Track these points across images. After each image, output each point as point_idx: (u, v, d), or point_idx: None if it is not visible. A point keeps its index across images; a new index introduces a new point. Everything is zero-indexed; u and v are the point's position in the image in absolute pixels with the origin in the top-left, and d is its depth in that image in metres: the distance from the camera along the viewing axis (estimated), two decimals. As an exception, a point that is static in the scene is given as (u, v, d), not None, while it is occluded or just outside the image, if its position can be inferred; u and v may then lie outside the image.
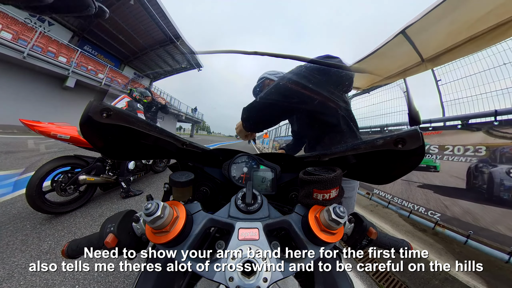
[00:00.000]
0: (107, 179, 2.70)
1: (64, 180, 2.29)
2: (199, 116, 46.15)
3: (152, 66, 27.21)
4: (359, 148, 0.39)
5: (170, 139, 0.46)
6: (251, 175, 0.68)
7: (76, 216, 2.33)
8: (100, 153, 0.44)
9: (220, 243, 0.41)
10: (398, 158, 0.38)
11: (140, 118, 0.38)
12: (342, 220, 0.35)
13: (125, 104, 3.15)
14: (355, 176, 0.56)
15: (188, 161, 0.68)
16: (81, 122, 0.32)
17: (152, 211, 0.32)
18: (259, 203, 0.43)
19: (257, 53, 0.53)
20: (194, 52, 0.75)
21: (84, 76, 14.01)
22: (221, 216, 0.42)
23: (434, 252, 2.01)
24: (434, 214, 2.34)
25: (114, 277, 1.51)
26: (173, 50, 24.34)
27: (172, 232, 0.35)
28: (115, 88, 14.45)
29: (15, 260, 1.54)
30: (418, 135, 0.32)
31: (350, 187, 1.08)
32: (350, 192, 1.09)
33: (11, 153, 4.80)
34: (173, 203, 0.39)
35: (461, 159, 2.20)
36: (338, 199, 0.43)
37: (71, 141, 2.30)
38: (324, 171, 0.45)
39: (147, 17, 19.16)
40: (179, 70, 31.55)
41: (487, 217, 1.91)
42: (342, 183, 0.87)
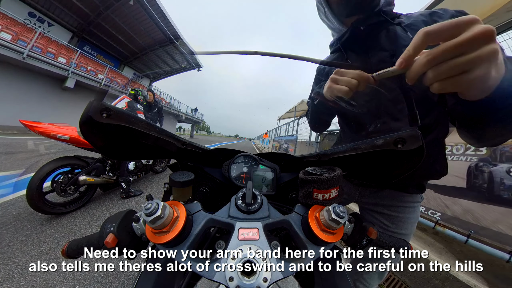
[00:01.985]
0: (107, 179, 2.70)
1: (64, 180, 2.29)
2: (199, 116, 46.17)
3: (151, 66, 27.24)
4: (359, 148, 0.39)
5: (170, 139, 0.46)
6: (251, 175, 0.68)
7: (76, 216, 2.33)
8: (100, 153, 0.44)
9: (220, 243, 0.41)
10: (398, 158, 0.38)
11: (140, 118, 0.38)
12: (342, 220, 0.35)
13: (125, 104, 3.15)
14: (355, 176, 0.56)
15: (188, 161, 0.68)
16: (81, 122, 0.32)
17: (152, 211, 0.32)
18: (259, 203, 0.43)
19: (258, 53, 0.53)
20: (194, 52, 0.75)
21: (84, 77, 14.01)
22: (221, 216, 0.42)
23: (435, 251, 2.01)
24: (434, 214, 2.34)
25: (114, 277, 1.51)
26: (173, 50, 24.36)
27: (172, 232, 0.35)
28: (114, 88, 14.46)
29: (15, 260, 1.54)
30: (417, 135, 0.32)
31: (410, 207, 0.84)
32: (408, 211, 0.83)
33: (11, 154, 4.80)
34: (173, 203, 0.39)
35: (461, 158, 2.20)
36: (338, 199, 0.43)
37: (71, 142, 2.30)
38: (324, 171, 0.46)
39: (146, 18, 19.17)
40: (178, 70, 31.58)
41: (488, 216, 1.91)
42: (401, 198, 0.83)
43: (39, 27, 13.90)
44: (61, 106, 13.47)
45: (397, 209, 0.84)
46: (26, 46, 10.40)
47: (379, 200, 0.88)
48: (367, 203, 0.93)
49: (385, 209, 0.86)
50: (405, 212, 0.84)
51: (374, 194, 0.90)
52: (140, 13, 18.47)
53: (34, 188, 2.00)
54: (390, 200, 0.85)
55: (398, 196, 0.84)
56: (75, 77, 13.37)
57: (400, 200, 0.84)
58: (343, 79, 0.53)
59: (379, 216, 0.88)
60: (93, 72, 15.20)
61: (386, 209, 0.86)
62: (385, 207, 0.87)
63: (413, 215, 0.85)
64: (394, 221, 0.85)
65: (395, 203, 0.84)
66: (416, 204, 0.85)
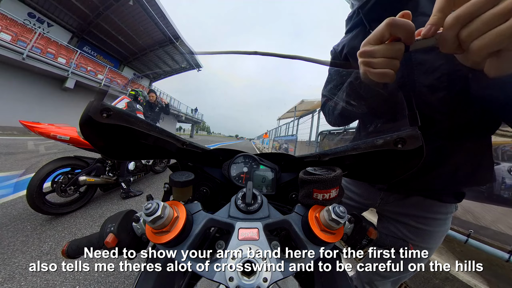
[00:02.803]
0: (107, 180, 2.70)
1: (64, 181, 2.29)
2: (199, 116, 46.16)
3: (151, 66, 27.22)
4: (359, 148, 0.39)
5: (170, 139, 0.46)
6: (251, 175, 0.68)
7: (77, 216, 2.33)
8: (100, 153, 0.44)
9: (220, 243, 0.41)
10: (398, 158, 0.38)
11: (140, 118, 0.38)
12: (342, 220, 0.35)
13: (124, 105, 3.15)
14: (355, 176, 0.56)
15: (188, 161, 0.68)
16: (81, 122, 0.32)
17: (152, 211, 0.32)
18: (259, 203, 0.43)
19: (257, 53, 0.53)
20: (194, 52, 0.74)
21: (84, 77, 14.01)
22: (221, 216, 0.42)
23: (435, 251, 2.01)
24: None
25: (114, 277, 1.51)
26: (173, 50, 24.35)
27: (172, 232, 0.35)
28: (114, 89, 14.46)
29: (16, 261, 1.54)
30: (417, 135, 0.32)
31: (441, 219, 0.71)
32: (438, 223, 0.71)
33: (11, 154, 4.80)
34: (173, 203, 0.39)
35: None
36: (338, 199, 0.43)
37: (71, 142, 2.30)
38: (324, 171, 0.46)
39: (146, 18, 19.16)
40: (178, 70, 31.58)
41: (488, 215, 1.91)
42: (431, 208, 0.70)
43: (39, 28, 13.88)
44: (61, 107, 13.47)
45: (425, 221, 0.72)
46: (25, 46, 10.40)
47: (404, 209, 0.76)
48: (389, 211, 0.81)
49: (411, 220, 0.74)
50: (435, 225, 0.71)
51: (399, 201, 0.77)
52: (139, 13, 18.46)
53: (34, 188, 1.99)
54: (418, 210, 0.73)
55: (428, 205, 0.71)
56: (75, 77, 13.37)
57: (431, 210, 0.71)
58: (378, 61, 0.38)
59: (402, 227, 0.77)
60: (93, 72, 15.20)
61: (412, 220, 0.74)
62: (410, 218, 0.74)
63: (443, 228, 0.72)
64: (420, 234, 0.73)
65: (424, 214, 0.72)
66: (449, 216, 0.72)
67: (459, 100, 0.51)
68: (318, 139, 5.82)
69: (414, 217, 0.73)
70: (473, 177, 0.61)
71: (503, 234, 1.76)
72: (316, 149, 5.79)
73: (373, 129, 0.76)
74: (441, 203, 0.69)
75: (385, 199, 0.81)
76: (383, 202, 0.81)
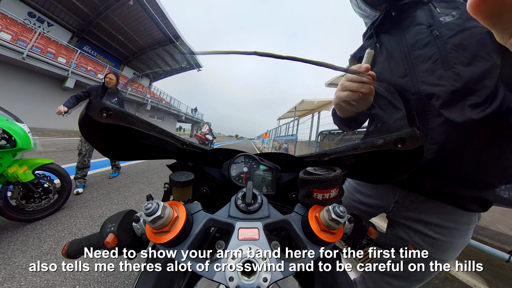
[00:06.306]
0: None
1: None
2: (199, 116, 46.16)
3: (151, 66, 27.21)
4: (359, 147, 0.39)
5: (170, 139, 0.46)
6: (251, 175, 0.68)
7: (76, 216, 2.33)
8: (100, 153, 0.44)
9: (220, 243, 0.41)
10: (398, 158, 0.38)
11: (140, 118, 0.38)
12: (342, 219, 0.35)
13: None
14: (355, 176, 0.56)
15: (188, 161, 0.68)
16: (81, 122, 0.32)
17: (152, 211, 0.32)
18: (259, 203, 0.43)
19: (257, 53, 0.53)
20: (194, 52, 0.74)
21: (84, 77, 14.02)
22: (221, 216, 0.42)
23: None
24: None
25: (114, 277, 1.51)
26: (173, 50, 24.34)
27: (172, 232, 0.35)
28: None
29: (16, 260, 1.54)
30: (417, 135, 0.32)
31: (462, 230, 0.65)
32: (459, 235, 0.65)
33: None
34: (173, 203, 0.39)
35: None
36: (338, 198, 0.43)
37: None
38: (324, 171, 0.45)
39: (146, 17, 19.17)
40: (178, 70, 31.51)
41: (487, 216, 1.91)
42: (453, 217, 0.64)
43: (39, 27, 13.89)
44: (61, 106, 13.48)
45: (444, 231, 0.65)
46: (25, 46, 10.40)
47: (421, 215, 0.68)
48: (403, 217, 0.73)
49: (428, 229, 0.67)
50: (455, 236, 0.65)
51: (416, 205, 0.69)
52: (139, 13, 18.46)
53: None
54: (437, 218, 0.65)
55: (449, 213, 0.64)
56: (75, 77, 13.39)
57: (452, 219, 0.64)
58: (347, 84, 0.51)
59: (416, 236, 0.69)
60: (93, 72, 15.21)
61: (429, 229, 0.66)
62: (427, 226, 0.67)
63: (463, 239, 0.65)
64: (436, 245, 0.66)
65: (444, 223, 0.64)
66: (472, 226, 0.66)
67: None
68: (318, 139, 5.82)
69: (433, 226, 0.66)
70: (504, 173, 0.57)
71: (502, 234, 1.76)
72: (316, 149, 5.80)
73: (373, 129, 0.78)
74: (464, 211, 0.63)
75: (400, 202, 0.73)
76: (398, 206, 0.73)
